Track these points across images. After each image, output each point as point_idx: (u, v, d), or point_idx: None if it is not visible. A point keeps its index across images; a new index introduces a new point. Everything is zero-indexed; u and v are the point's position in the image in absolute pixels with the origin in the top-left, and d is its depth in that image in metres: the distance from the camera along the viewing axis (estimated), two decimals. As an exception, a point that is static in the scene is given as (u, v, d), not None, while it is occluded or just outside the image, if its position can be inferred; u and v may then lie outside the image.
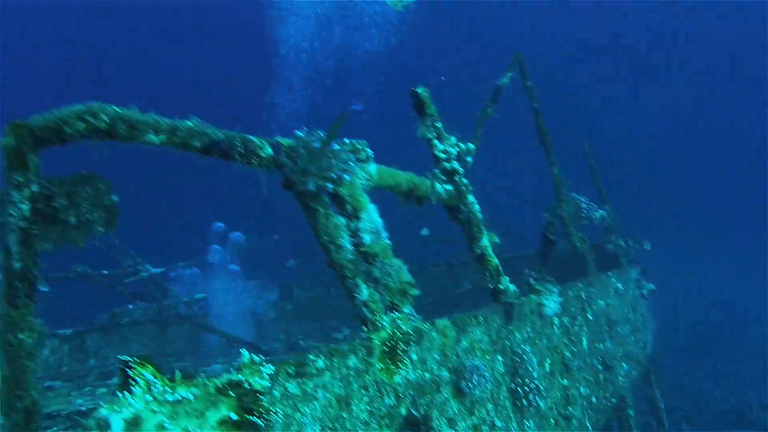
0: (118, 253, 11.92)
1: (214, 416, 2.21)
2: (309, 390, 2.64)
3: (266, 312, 12.13)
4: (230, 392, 2.25)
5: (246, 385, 2.29)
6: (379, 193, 3.84)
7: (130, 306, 10.65)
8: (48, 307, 2.75)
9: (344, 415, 2.80)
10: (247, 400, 2.29)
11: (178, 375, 2.21)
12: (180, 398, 2.11)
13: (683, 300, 30.81)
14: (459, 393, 3.70)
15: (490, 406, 4.03)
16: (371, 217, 3.39)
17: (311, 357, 2.72)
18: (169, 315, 10.76)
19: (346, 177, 3.21)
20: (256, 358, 2.38)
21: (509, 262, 6.26)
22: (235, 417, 2.26)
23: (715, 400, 19.10)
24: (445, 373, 3.64)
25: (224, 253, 13.72)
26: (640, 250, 11.52)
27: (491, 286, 4.91)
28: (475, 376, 3.73)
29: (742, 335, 27.04)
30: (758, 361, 23.25)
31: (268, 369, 2.40)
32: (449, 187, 4.77)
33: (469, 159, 5.76)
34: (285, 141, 3.10)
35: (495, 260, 4.94)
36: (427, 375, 3.46)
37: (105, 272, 11.36)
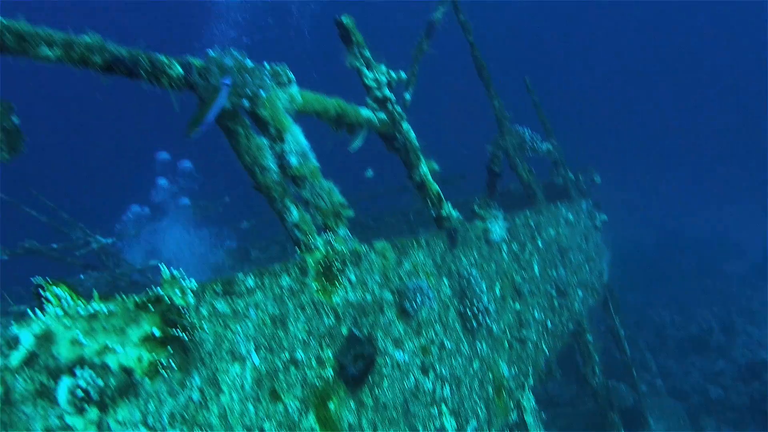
0: (66, 227, 11.72)
1: (135, 333, 2.17)
2: (240, 309, 2.61)
3: (224, 261, 12.03)
4: (151, 308, 2.21)
5: (167, 301, 2.25)
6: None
7: (82, 276, 10.47)
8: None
9: (280, 334, 2.77)
10: (171, 316, 2.25)
11: (95, 293, 2.15)
12: (95, 312, 2.06)
13: (639, 231, 31.39)
14: (403, 314, 3.70)
15: (438, 328, 4.04)
16: (296, 138, 3.34)
17: (240, 276, 2.68)
18: (123, 283, 10.61)
19: (262, 93, 3.14)
20: (176, 272, 2.33)
21: (465, 205, 6.27)
22: (158, 333, 2.22)
23: (676, 328, 19.55)
24: (388, 295, 3.63)
25: (170, 188, 13.44)
26: (591, 183, 11.65)
27: (434, 214, 4.91)
28: (418, 296, 3.72)
29: (699, 264, 27.65)
30: (716, 288, 23.85)
31: (191, 284, 2.36)
32: (382, 115, 4.73)
33: (407, 96, 5.73)
34: (196, 61, 3.02)
35: (435, 187, 4.93)
36: (368, 296, 3.44)
37: (55, 246, 11.14)
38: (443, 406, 3.81)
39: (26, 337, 1.89)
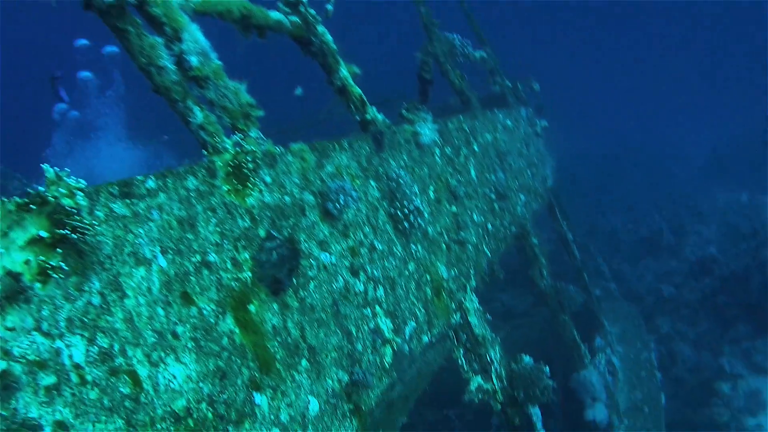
0: (3, 178, 11.41)
1: (20, 236, 2.07)
2: (141, 211, 2.52)
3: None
4: (35, 208, 2.10)
5: (52, 200, 2.15)
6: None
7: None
8: None
9: (189, 236, 2.69)
10: (59, 217, 2.15)
11: (-32, 197, 2.04)
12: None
13: (589, 141, 31.72)
14: (328, 216, 3.64)
15: (367, 230, 4.00)
16: (195, 37, 3.21)
17: (139, 177, 2.58)
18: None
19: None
20: (60, 171, 2.22)
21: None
22: (46, 235, 2.12)
23: (627, 233, 19.94)
24: (310, 197, 3.57)
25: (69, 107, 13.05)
26: (531, 91, 11.64)
27: (358, 118, 4.82)
28: (341, 197, 3.67)
29: (648, 170, 28.11)
30: (665, 192, 24.30)
31: (79, 184, 2.25)
32: (295, 18, 4.59)
33: (329, 7, 5.56)
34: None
35: (357, 90, 4.83)
36: (287, 198, 3.37)
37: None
38: (377, 308, 3.80)
39: None
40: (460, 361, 5.05)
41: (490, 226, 6.26)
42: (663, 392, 9.75)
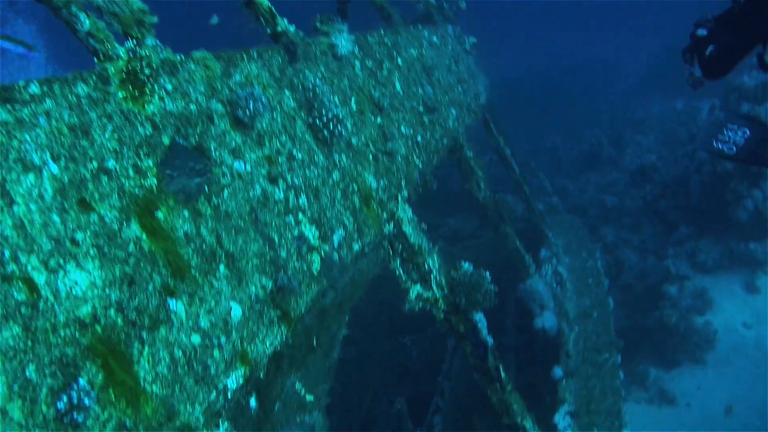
0: None
1: None
2: (26, 117, 2.39)
3: None
4: None
5: None
6: None
7: None
8: None
9: (84, 143, 2.58)
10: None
11: None
12: None
13: (525, 62, 31.77)
14: (239, 124, 3.54)
15: (284, 139, 3.91)
16: (73, -59, 3.03)
17: (21, 82, 2.45)
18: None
19: None
20: None
21: None
22: None
23: (568, 150, 20.15)
24: (218, 106, 3.46)
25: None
26: (457, 10, 11.51)
27: (269, 31, 4.68)
28: (251, 103, 3.56)
29: (585, 89, 28.31)
30: (603, 109, 24.54)
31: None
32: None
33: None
34: None
35: (266, 2, 4.68)
36: (192, 107, 3.26)
37: None
38: (300, 215, 3.74)
39: None
40: (397, 271, 5.05)
41: (420, 138, 6.21)
42: (611, 297, 9.92)
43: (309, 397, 3.66)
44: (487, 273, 5.46)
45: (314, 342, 3.71)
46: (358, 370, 13.12)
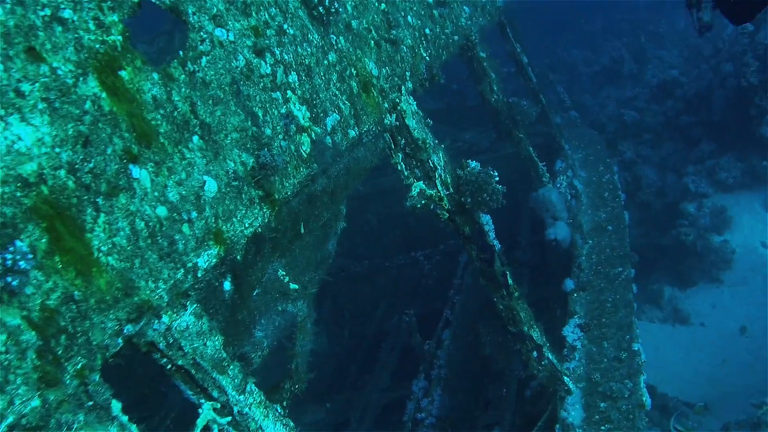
0: None
1: None
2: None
3: None
4: None
5: None
6: None
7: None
8: None
9: None
10: None
11: None
12: None
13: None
14: (221, -11, 3.22)
15: (274, 11, 3.59)
16: None
17: None
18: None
19: None
20: None
21: None
22: None
23: (588, 64, 19.57)
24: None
25: None
26: None
27: None
28: (234, -34, 3.23)
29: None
30: (625, 20, 23.73)
31: None
32: None
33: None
34: None
35: None
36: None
37: None
38: (289, 93, 3.45)
39: None
40: (399, 166, 4.77)
41: (428, 30, 5.85)
42: (627, 212, 9.63)
43: (293, 286, 3.44)
44: (495, 172, 5.17)
45: (302, 228, 3.47)
46: (370, 285, 13.02)
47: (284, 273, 3.34)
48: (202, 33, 2.99)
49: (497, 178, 5.17)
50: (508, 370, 8.49)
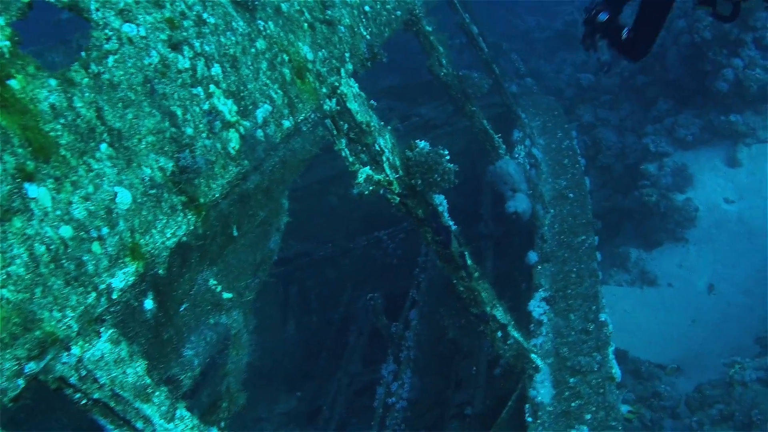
0: None
1: None
2: None
3: None
4: None
5: None
6: None
7: None
8: None
9: None
10: None
11: None
12: None
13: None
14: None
15: (191, 0, 3.36)
16: None
17: None
18: None
19: None
20: None
21: None
22: None
23: (542, 29, 19.44)
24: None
25: None
26: None
27: None
28: (141, -46, 3.00)
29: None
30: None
31: None
32: None
33: None
34: None
35: None
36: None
37: None
38: (212, 87, 3.23)
39: None
40: (343, 152, 4.57)
41: (368, 8, 5.63)
42: (587, 177, 9.53)
43: (227, 295, 3.24)
44: (446, 151, 4.99)
45: (234, 231, 3.26)
46: (335, 268, 12.87)
47: (216, 282, 3.15)
48: (107, 30, 2.76)
49: (448, 157, 5.00)
50: (477, 348, 8.39)
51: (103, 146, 2.50)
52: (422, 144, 4.98)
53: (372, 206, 13.03)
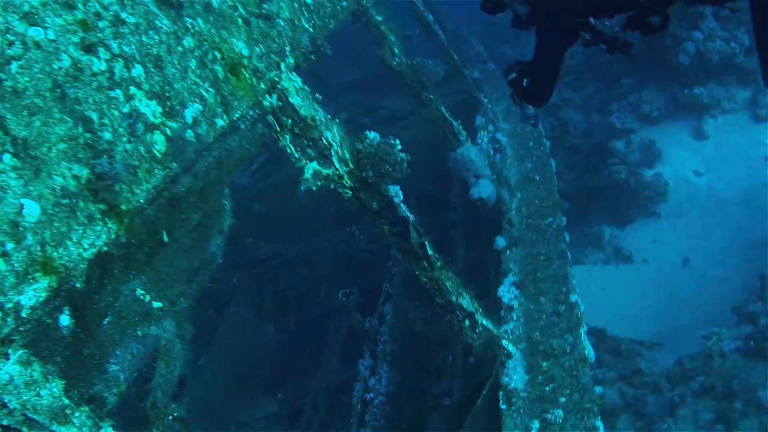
0: None
1: None
2: None
3: None
4: None
5: None
6: None
7: None
8: None
9: None
10: None
11: None
12: None
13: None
14: (32, -18, 2.83)
15: (107, 0, 3.21)
16: None
17: None
18: None
19: None
20: None
21: None
22: None
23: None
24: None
25: None
26: None
27: None
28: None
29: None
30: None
31: None
32: None
33: None
34: None
35: None
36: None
37: None
38: (133, 89, 3.08)
39: None
40: (288, 149, 4.44)
41: (309, 0, 5.50)
42: (552, 159, 9.44)
43: (157, 304, 3.10)
44: (397, 141, 4.87)
45: (164, 237, 3.12)
46: (309, 267, 12.74)
47: (144, 291, 3.01)
48: (9, 35, 2.61)
49: (400, 147, 4.88)
50: (452, 337, 8.30)
51: (7, 157, 2.36)
52: (372, 135, 4.86)
53: (343, 202, 12.92)
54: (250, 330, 11.92)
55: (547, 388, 5.82)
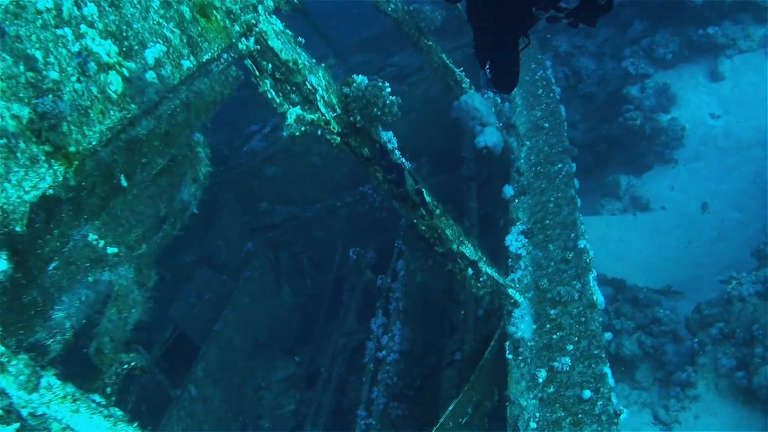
0: None
1: None
2: None
3: None
4: None
5: None
6: None
7: None
8: None
9: None
10: None
11: None
12: None
13: None
14: None
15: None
16: None
17: None
18: None
19: None
20: None
21: None
22: None
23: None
24: None
25: None
26: None
27: None
28: None
29: None
30: None
31: None
32: None
33: None
34: None
35: None
36: None
37: None
38: (84, 27, 2.90)
39: None
40: (269, 94, 4.26)
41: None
42: (563, 106, 9.16)
43: (112, 249, 2.95)
44: (386, 84, 4.66)
45: (123, 181, 2.96)
46: (324, 228, 12.63)
47: (98, 237, 2.85)
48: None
49: (389, 90, 4.67)
50: (462, 290, 8.15)
51: (-66, 95, 2.21)
52: (360, 78, 4.66)
53: (356, 162, 12.72)
54: (267, 294, 11.84)
55: (554, 336, 5.65)
